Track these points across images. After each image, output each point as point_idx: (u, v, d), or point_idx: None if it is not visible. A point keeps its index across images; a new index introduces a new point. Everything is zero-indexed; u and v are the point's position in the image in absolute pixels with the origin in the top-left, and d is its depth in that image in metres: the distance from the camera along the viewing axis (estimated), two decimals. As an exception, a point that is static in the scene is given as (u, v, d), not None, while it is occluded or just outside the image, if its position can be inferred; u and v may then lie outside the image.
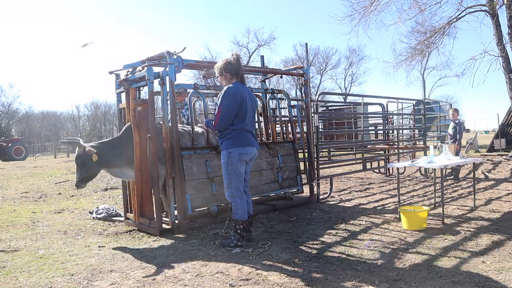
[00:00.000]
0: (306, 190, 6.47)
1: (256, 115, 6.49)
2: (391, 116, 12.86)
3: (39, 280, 3.25)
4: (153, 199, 4.74)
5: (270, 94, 6.24)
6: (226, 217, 4.60)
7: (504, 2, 12.29)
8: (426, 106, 10.81)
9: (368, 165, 9.17)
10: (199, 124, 5.54)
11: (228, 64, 3.88)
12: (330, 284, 2.94)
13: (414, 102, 10.56)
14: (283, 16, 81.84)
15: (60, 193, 8.38)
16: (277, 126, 7.07)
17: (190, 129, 5.10)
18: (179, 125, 5.25)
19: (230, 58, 3.92)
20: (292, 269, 3.30)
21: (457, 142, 8.10)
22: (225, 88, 3.86)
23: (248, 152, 3.88)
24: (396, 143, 9.60)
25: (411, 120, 12.76)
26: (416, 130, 10.73)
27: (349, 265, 3.34)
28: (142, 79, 4.73)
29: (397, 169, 5.64)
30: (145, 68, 4.65)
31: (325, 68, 51.94)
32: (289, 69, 7.20)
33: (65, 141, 4.75)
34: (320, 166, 6.77)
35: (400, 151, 9.22)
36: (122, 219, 5.34)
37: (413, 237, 4.09)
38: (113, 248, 4.11)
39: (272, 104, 7.78)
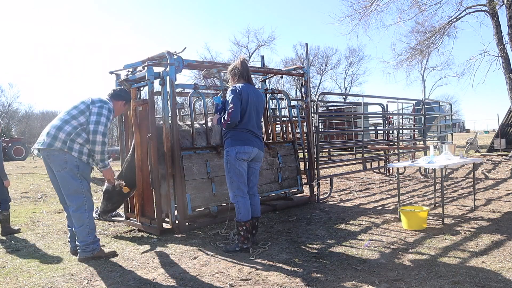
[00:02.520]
0: (306, 190, 6.47)
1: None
2: (391, 116, 12.86)
3: (39, 280, 3.25)
4: (154, 199, 4.74)
5: (270, 94, 6.24)
6: (226, 217, 4.60)
7: (504, 2, 12.30)
8: (426, 106, 10.80)
9: (368, 165, 9.17)
10: (209, 118, 5.45)
11: (234, 69, 4.03)
12: (330, 284, 2.94)
13: (414, 102, 10.55)
14: (283, 16, 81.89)
15: (60, 193, 8.38)
16: (277, 126, 7.07)
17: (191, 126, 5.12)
18: (180, 122, 5.27)
19: (236, 62, 4.07)
20: (292, 269, 3.30)
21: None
22: (231, 87, 3.97)
23: (246, 151, 3.84)
24: (396, 143, 9.60)
25: (411, 120, 12.76)
26: (416, 130, 10.72)
27: (349, 265, 3.34)
28: (143, 79, 4.74)
29: (397, 169, 5.63)
30: (146, 68, 4.65)
31: (325, 68, 51.98)
32: (289, 69, 7.20)
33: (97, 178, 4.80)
34: (320, 166, 6.77)
35: (400, 151, 9.22)
36: (122, 219, 5.34)
37: (413, 237, 4.09)
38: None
39: (272, 104, 7.78)
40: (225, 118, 3.82)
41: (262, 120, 6.24)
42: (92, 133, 3.61)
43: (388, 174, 9.35)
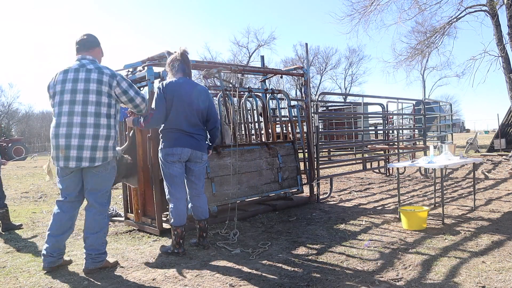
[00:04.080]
0: (306, 190, 6.47)
1: (256, 116, 6.52)
2: (391, 116, 12.86)
3: (39, 280, 3.25)
4: (154, 199, 4.74)
5: (270, 94, 6.24)
6: (226, 217, 4.60)
7: (504, 2, 12.30)
8: (426, 106, 10.81)
9: (368, 165, 9.17)
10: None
11: (173, 61, 3.80)
12: (330, 284, 2.94)
13: (414, 102, 10.56)
14: (283, 16, 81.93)
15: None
16: (277, 126, 7.07)
17: None
18: None
19: (175, 54, 3.83)
20: (292, 269, 3.30)
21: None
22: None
23: (175, 152, 3.65)
24: (396, 143, 9.60)
25: (411, 120, 12.76)
26: (416, 130, 10.73)
27: (349, 265, 3.34)
28: (143, 79, 4.73)
29: (397, 169, 5.63)
30: (146, 68, 4.65)
31: (325, 68, 52.07)
32: (289, 69, 7.20)
33: None
34: (320, 166, 6.77)
35: (400, 151, 9.22)
36: (122, 219, 5.34)
37: (413, 237, 4.09)
38: (113, 248, 4.11)
39: (272, 104, 7.78)
40: (145, 118, 3.64)
41: (262, 120, 6.26)
42: (132, 104, 3.50)
43: (388, 174, 9.35)
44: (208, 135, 3.97)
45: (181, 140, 3.67)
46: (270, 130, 6.17)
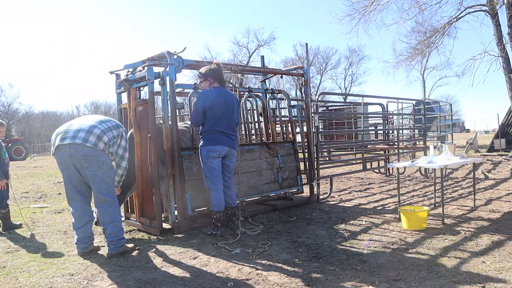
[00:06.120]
0: (306, 190, 6.47)
1: (256, 116, 6.52)
2: (391, 116, 12.85)
3: (39, 280, 3.25)
4: (154, 199, 4.74)
5: (270, 94, 6.24)
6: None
7: (504, 2, 12.28)
8: (426, 106, 10.79)
9: (368, 165, 9.17)
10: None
11: (210, 71, 4.40)
12: (330, 284, 2.94)
13: (414, 102, 10.55)
14: (283, 16, 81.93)
15: (60, 193, 8.37)
16: (277, 126, 7.07)
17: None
18: (180, 123, 5.28)
19: (212, 65, 4.44)
20: (292, 269, 3.30)
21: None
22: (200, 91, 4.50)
23: (216, 149, 4.30)
24: (396, 143, 9.60)
25: (411, 120, 12.75)
26: (416, 130, 10.72)
27: (349, 265, 3.34)
28: (143, 79, 4.73)
29: (397, 169, 5.63)
30: (146, 68, 4.64)
31: (325, 68, 52.09)
32: (289, 69, 7.20)
33: None
34: (320, 166, 6.77)
35: (400, 151, 9.22)
36: (122, 219, 5.33)
37: (413, 237, 4.09)
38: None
39: (272, 104, 7.77)
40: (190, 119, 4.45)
41: (262, 120, 6.26)
42: (120, 157, 3.98)
43: (388, 174, 9.35)
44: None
45: (221, 140, 4.32)
46: (270, 130, 6.17)
